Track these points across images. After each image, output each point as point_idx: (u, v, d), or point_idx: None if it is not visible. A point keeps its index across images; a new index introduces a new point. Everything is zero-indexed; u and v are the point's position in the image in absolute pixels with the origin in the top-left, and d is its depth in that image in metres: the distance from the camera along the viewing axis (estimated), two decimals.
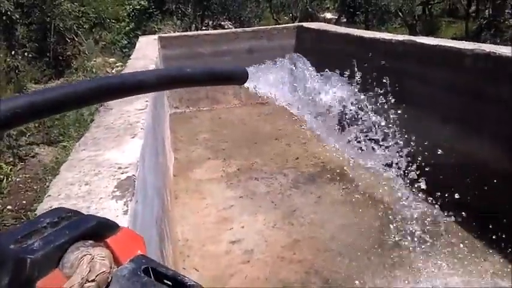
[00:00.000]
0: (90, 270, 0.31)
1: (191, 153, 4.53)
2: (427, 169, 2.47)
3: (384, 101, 2.17)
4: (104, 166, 1.48)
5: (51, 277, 0.32)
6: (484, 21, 12.07)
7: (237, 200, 3.47)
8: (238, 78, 0.64)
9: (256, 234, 2.98)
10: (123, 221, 1.12)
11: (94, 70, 8.79)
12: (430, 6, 13.76)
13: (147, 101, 2.29)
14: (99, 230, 0.36)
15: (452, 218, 2.75)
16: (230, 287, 2.47)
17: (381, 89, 2.27)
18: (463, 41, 3.39)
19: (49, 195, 1.28)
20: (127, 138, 1.77)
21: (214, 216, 3.23)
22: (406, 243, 2.63)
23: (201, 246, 2.86)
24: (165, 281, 0.35)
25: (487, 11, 12.86)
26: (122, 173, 1.41)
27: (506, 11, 11.80)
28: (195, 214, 3.27)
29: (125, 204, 1.20)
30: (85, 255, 0.33)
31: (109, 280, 0.32)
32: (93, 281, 0.31)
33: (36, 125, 5.40)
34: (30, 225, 0.36)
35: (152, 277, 0.35)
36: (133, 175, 1.39)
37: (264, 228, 3.04)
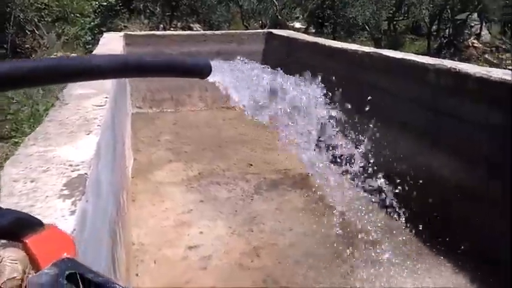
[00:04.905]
0: None
1: (152, 154, 4.40)
2: (387, 180, 2.49)
3: (348, 110, 2.17)
4: (54, 163, 1.38)
5: None
6: (444, 40, 12.62)
7: (197, 204, 3.39)
8: (200, 71, 0.60)
9: (215, 240, 2.91)
10: (69, 222, 1.03)
11: None
12: (395, 23, 14.22)
13: (106, 97, 2.19)
14: (18, 228, 0.30)
15: (411, 230, 2.80)
16: None
17: (346, 99, 2.28)
18: (426, 56, 3.47)
19: None
20: (82, 135, 1.66)
21: (173, 220, 3.13)
22: (363, 252, 2.64)
23: (157, 251, 2.76)
24: None
25: (447, 30, 13.43)
26: (73, 171, 1.32)
27: (465, 31, 12.37)
28: (153, 217, 3.17)
29: (72, 204, 1.11)
30: None
31: None
32: None
33: None
34: None
35: (80, 284, 0.29)
36: (86, 173, 1.30)
37: (224, 234, 2.98)
